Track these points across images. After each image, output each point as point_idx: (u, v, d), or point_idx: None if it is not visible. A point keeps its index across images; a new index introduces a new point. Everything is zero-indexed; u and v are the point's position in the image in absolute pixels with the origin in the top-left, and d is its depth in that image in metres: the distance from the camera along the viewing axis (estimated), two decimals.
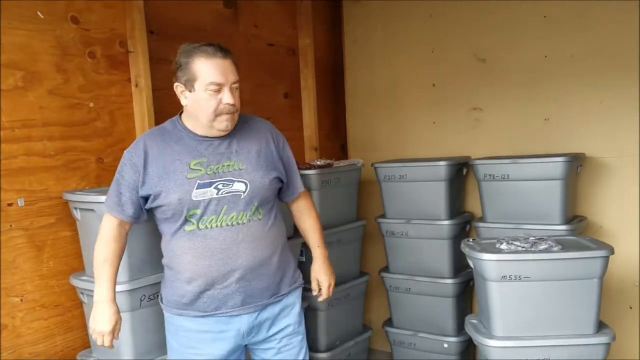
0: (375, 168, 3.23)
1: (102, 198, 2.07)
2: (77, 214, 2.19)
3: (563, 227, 2.70)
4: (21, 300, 2.14)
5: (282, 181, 2.05)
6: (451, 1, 3.26)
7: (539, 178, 2.74)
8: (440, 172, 3.01)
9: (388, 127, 3.59)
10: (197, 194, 1.85)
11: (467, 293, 3.23)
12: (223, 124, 1.86)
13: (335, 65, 3.82)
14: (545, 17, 2.98)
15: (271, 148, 2.01)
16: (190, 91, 1.86)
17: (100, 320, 1.86)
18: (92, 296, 2.13)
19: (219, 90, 1.82)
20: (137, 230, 2.10)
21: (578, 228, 2.77)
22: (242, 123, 1.98)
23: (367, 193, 3.50)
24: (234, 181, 1.87)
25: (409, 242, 3.18)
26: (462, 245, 2.35)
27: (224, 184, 1.86)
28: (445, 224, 3.05)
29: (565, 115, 2.98)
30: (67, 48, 2.29)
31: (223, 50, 1.84)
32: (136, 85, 2.50)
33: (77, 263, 2.31)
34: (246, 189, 1.88)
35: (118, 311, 1.90)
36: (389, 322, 3.36)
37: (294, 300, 2.07)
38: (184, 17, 2.78)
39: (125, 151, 1.94)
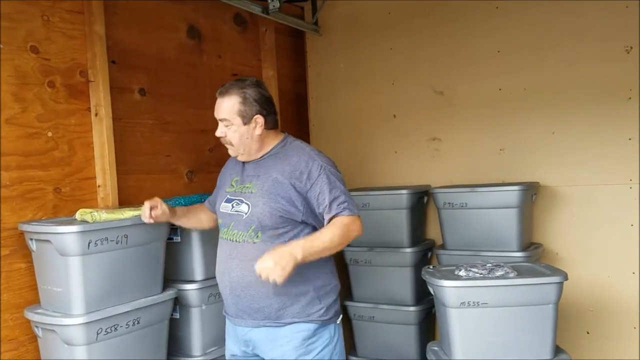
0: None
1: (59, 229, 2.04)
2: (33, 245, 2.14)
3: (520, 254, 2.77)
4: None
5: (294, 214, 1.99)
6: (410, 35, 3.38)
7: (496, 206, 2.81)
8: (402, 200, 3.06)
9: (351, 157, 3.64)
10: (223, 207, 2.12)
11: (429, 320, 3.25)
12: (229, 151, 2.12)
13: (299, 96, 3.88)
14: (499, 51, 3.11)
15: (291, 181, 1.98)
16: None
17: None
18: (46, 329, 2.10)
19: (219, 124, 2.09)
20: (93, 262, 2.08)
21: (534, 255, 2.84)
22: (282, 148, 2.10)
23: None
24: (243, 202, 2.04)
25: (372, 270, 3.21)
26: (422, 272, 2.38)
27: (237, 202, 2.07)
28: (408, 252, 3.09)
29: (519, 145, 3.09)
30: (26, 77, 2.27)
31: (223, 89, 2.07)
32: (96, 115, 2.49)
33: (32, 296, 2.24)
34: (247, 210, 2.01)
35: (167, 209, 2.16)
36: (352, 351, 3.35)
37: (298, 334, 1.99)
38: (146, 47, 2.79)
39: None
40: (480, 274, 2.23)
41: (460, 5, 3.20)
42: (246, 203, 2.03)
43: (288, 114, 3.75)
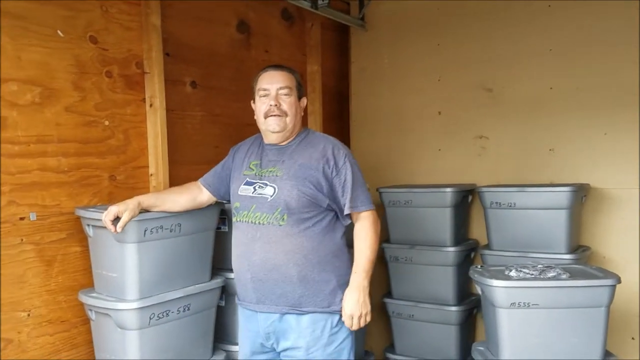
0: (380, 193, 3.26)
1: None
2: (90, 231, 2.19)
3: (568, 256, 2.73)
4: (28, 315, 2.13)
5: (321, 199, 2.02)
6: (458, 32, 3.34)
7: (545, 207, 2.77)
8: (447, 198, 3.04)
9: (393, 153, 3.63)
10: (242, 190, 2.10)
11: (470, 321, 3.22)
12: (271, 126, 2.07)
13: (342, 91, 3.89)
14: (551, 50, 3.05)
15: (318, 166, 2.03)
16: (253, 101, 2.17)
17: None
18: (100, 313, 2.15)
19: (267, 95, 2.07)
20: (148, 249, 2.13)
21: (582, 257, 2.79)
22: (304, 137, 2.14)
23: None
24: (267, 185, 2.04)
25: (413, 268, 3.19)
26: (470, 271, 2.36)
27: (260, 185, 2.06)
28: (451, 251, 3.07)
29: (569, 146, 3.03)
30: (85, 67, 2.32)
31: (275, 65, 2.16)
32: (151, 106, 2.54)
33: (86, 279, 2.30)
34: (273, 193, 2.01)
35: (127, 215, 1.99)
36: (390, 349, 3.35)
37: (320, 323, 2.01)
38: (198, 41, 2.84)
39: None
40: (532, 274, 2.20)
41: (512, 3, 3.15)
42: (271, 186, 2.02)
43: (330, 109, 3.76)
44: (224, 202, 2.36)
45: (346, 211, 2.05)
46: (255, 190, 2.05)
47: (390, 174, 3.61)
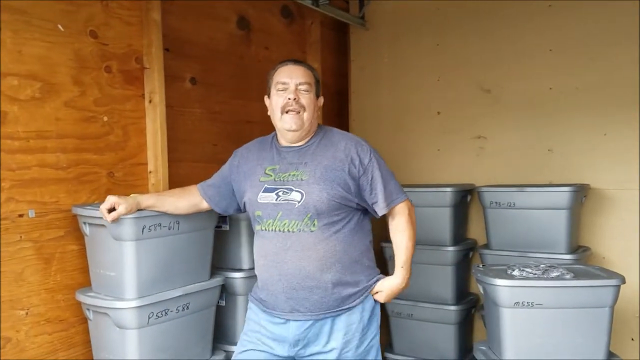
0: None
1: None
2: (86, 229, 2.15)
3: (568, 257, 2.73)
4: (26, 313, 2.09)
5: (351, 199, 1.95)
6: (458, 31, 3.34)
7: (545, 207, 2.77)
8: (446, 198, 3.03)
9: (392, 153, 3.59)
10: (262, 197, 1.98)
11: (469, 320, 3.22)
12: (287, 123, 1.96)
13: (341, 90, 3.88)
14: (550, 50, 3.06)
15: (344, 167, 1.94)
16: (269, 96, 2.05)
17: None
18: (98, 312, 2.12)
19: (285, 89, 1.97)
20: (146, 247, 2.10)
21: (583, 258, 2.79)
22: (323, 136, 2.04)
23: (371, 217, 3.50)
24: (293, 190, 1.93)
25: (412, 267, 3.16)
26: (473, 270, 2.36)
27: (284, 191, 1.95)
28: (450, 250, 3.06)
29: (569, 146, 3.04)
30: (85, 61, 2.29)
31: (295, 60, 2.06)
32: (150, 102, 2.51)
33: (83, 278, 2.26)
34: (301, 198, 1.91)
35: (124, 208, 2.00)
36: (389, 348, 3.33)
37: (351, 327, 1.97)
38: (198, 36, 2.81)
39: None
40: (535, 274, 2.19)
41: (512, 3, 3.16)
42: (298, 191, 1.92)
43: (329, 108, 3.74)
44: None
45: (382, 212, 1.99)
46: (279, 196, 1.94)
47: None
